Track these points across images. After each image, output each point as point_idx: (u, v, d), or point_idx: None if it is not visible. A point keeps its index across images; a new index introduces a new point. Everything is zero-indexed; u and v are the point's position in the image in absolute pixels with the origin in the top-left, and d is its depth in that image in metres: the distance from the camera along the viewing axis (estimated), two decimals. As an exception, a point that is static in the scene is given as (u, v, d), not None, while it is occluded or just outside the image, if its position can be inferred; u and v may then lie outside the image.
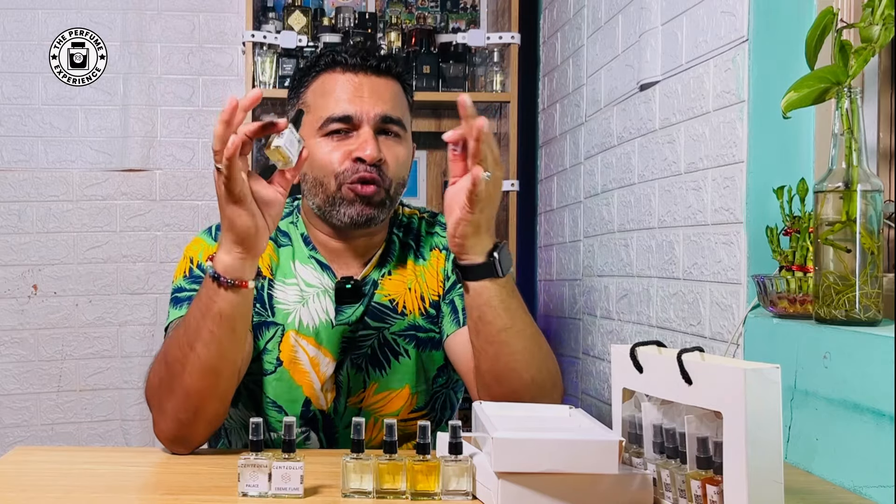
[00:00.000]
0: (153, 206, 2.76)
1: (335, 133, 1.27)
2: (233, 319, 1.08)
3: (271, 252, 1.34)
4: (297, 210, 1.39)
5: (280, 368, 1.31)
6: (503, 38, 2.55)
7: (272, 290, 1.32)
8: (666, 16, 1.62)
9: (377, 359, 1.33)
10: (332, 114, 1.26)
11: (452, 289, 1.34)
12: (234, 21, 2.77)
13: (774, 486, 0.77)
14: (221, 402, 1.14)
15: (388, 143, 1.28)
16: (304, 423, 1.33)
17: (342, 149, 1.26)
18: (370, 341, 1.33)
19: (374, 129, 1.27)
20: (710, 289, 1.42)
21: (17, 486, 0.99)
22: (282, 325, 1.31)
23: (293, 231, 1.36)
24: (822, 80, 1.06)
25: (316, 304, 1.32)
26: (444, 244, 1.37)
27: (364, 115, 1.26)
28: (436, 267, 1.36)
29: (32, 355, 2.70)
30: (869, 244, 1.03)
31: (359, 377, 1.33)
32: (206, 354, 1.09)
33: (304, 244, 1.35)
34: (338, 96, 1.27)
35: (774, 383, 0.76)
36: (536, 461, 0.85)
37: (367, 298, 1.33)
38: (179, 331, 1.12)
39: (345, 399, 1.33)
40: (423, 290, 1.35)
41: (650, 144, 1.70)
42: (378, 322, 1.33)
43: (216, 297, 1.07)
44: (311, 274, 1.33)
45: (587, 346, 2.14)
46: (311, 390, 1.32)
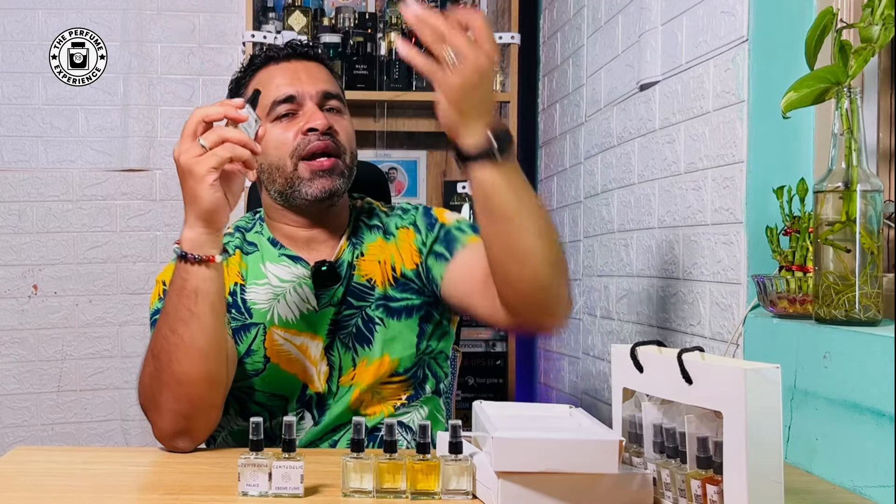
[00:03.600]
0: (153, 206, 2.76)
1: (283, 116, 1.32)
2: (208, 294, 1.12)
3: (240, 260, 1.37)
4: (260, 220, 1.43)
5: (269, 364, 1.33)
6: (503, 38, 2.55)
7: (244, 294, 1.34)
8: (666, 16, 1.62)
9: (362, 335, 1.35)
10: (276, 97, 1.32)
11: (430, 248, 1.37)
12: (234, 21, 2.77)
13: (774, 486, 0.77)
14: (213, 389, 1.15)
15: (333, 117, 1.34)
16: (299, 405, 1.35)
17: (292, 128, 1.31)
18: (354, 320, 1.36)
19: (317, 104, 1.33)
20: (710, 289, 1.42)
21: (17, 486, 0.99)
22: (262, 324, 1.33)
23: (259, 239, 1.40)
24: (822, 80, 1.06)
25: (293, 296, 1.34)
26: (409, 222, 1.40)
27: (306, 93, 1.33)
28: (407, 241, 1.39)
29: (32, 355, 2.70)
30: (869, 244, 1.03)
31: (348, 356, 1.35)
32: (188, 334, 1.11)
33: (272, 245, 1.38)
34: (278, 83, 1.34)
35: (774, 383, 0.76)
36: (536, 461, 0.85)
37: (346, 280, 1.36)
38: (160, 322, 1.15)
39: (337, 378, 1.35)
40: (393, 261, 1.38)
41: (650, 144, 1.70)
42: (360, 301, 1.36)
43: (187, 276, 1.11)
44: (283, 270, 1.35)
45: (587, 346, 2.15)
46: (306, 375, 1.33)
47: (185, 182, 1.10)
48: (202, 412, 1.15)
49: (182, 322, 1.11)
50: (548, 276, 1.16)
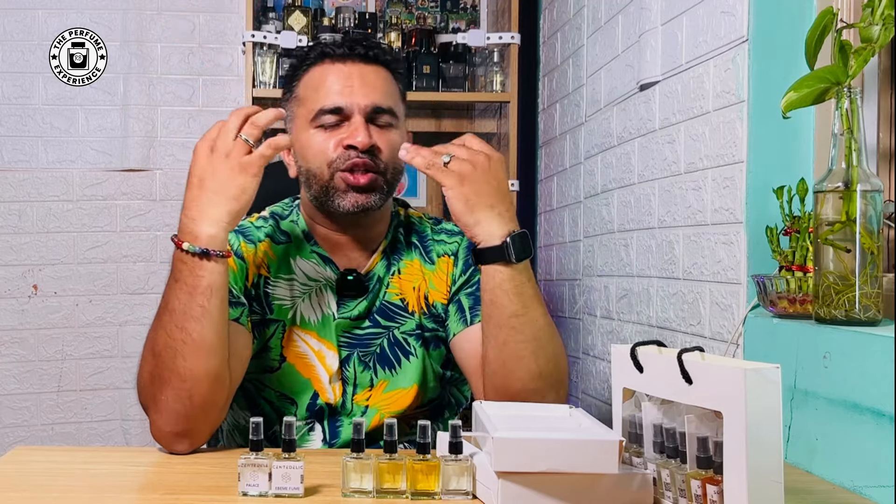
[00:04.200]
0: (153, 206, 2.76)
1: (327, 124, 1.29)
2: (221, 289, 1.13)
3: (268, 250, 1.34)
4: (297, 209, 1.39)
5: (285, 364, 1.31)
6: (503, 38, 2.55)
7: (269, 287, 1.32)
8: (666, 16, 1.62)
9: (387, 358, 1.33)
10: (324, 106, 1.28)
11: (461, 290, 1.34)
12: (235, 21, 2.77)
13: (774, 486, 0.77)
14: (216, 387, 1.14)
15: (380, 130, 1.29)
16: (309, 415, 1.33)
17: (334, 138, 1.28)
18: (379, 340, 1.33)
19: (365, 118, 1.28)
20: (710, 289, 1.42)
21: (17, 486, 0.99)
22: (282, 321, 1.31)
23: (294, 229, 1.36)
24: (822, 80, 1.06)
25: (318, 297, 1.32)
26: (452, 251, 1.37)
27: (355, 105, 1.27)
28: (445, 272, 1.36)
29: (32, 355, 2.70)
30: (869, 244, 1.03)
31: (366, 374, 1.33)
32: (199, 331, 1.11)
33: (306, 240, 1.35)
34: (328, 88, 1.29)
35: (774, 383, 0.76)
36: (536, 461, 0.85)
37: (373, 295, 1.33)
38: (164, 319, 1.13)
39: (352, 394, 1.33)
40: (427, 291, 1.35)
41: (650, 144, 1.70)
42: (388, 321, 1.33)
43: (202, 272, 1.11)
44: (312, 268, 1.33)
45: (587, 346, 2.15)
46: (319, 384, 1.32)
47: (233, 178, 1.12)
48: (204, 411, 1.13)
49: (194, 319, 1.11)
50: (535, 389, 1.16)
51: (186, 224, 1.13)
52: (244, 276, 1.30)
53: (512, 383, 1.16)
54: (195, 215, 1.13)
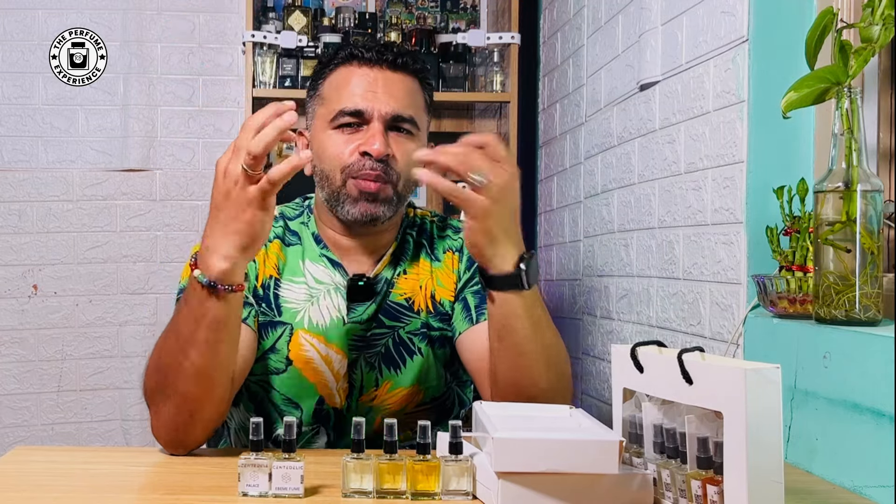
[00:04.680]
0: (153, 206, 2.76)
1: (346, 126, 1.27)
2: (229, 323, 1.08)
3: (279, 251, 1.33)
4: (309, 210, 1.38)
5: (291, 367, 1.30)
6: (503, 38, 2.55)
7: (279, 289, 1.31)
8: (666, 16, 1.62)
9: (391, 357, 1.33)
10: (344, 107, 1.27)
11: (465, 287, 1.34)
12: (234, 21, 2.77)
13: (774, 486, 0.77)
14: (217, 407, 1.13)
15: (398, 139, 1.28)
16: (314, 420, 1.32)
17: (352, 142, 1.26)
18: (384, 340, 1.33)
19: (384, 125, 1.26)
20: (710, 289, 1.42)
21: (17, 486, 0.99)
22: (290, 325, 1.30)
23: (304, 231, 1.35)
24: (822, 80, 1.06)
25: (327, 301, 1.31)
26: (456, 246, 1.37)
27: (375, 111, 1.26)
28: (450, 268, 1.36)
29: (32, 355, 2.70)
30: (869, 244, 1.03)
31: (371, 375, 1.32)
32: (200, 361, 1.07)
33: (315, 242, 1.34)
34: (352, 90, 1.27)
35: (774, 383, 0.76)
36: (536, 461, 0.85)
37: (381, 297, 1.33)
38: (171, 338, 1.10)
39: (357, 396, 1.33)
40: (434, 289, 1.35)
41: (650, 144, 1.70)
42: (393, 321, 1.33)
43: (210, 305, 1.05)
44: (321, 272, 1.32)
45: (587, 346, 2.14)
46: (326, 388, 1.31)
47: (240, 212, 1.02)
48: (202, 427, 1.12)
49: (197, 350, 1.07)
50: (546, 399, 1.14)
51: (203, 252, 1.06)
52: (254, 276, 1.30)
53: (519, 398, 1.15)
54: (210, 245, 1.05)
